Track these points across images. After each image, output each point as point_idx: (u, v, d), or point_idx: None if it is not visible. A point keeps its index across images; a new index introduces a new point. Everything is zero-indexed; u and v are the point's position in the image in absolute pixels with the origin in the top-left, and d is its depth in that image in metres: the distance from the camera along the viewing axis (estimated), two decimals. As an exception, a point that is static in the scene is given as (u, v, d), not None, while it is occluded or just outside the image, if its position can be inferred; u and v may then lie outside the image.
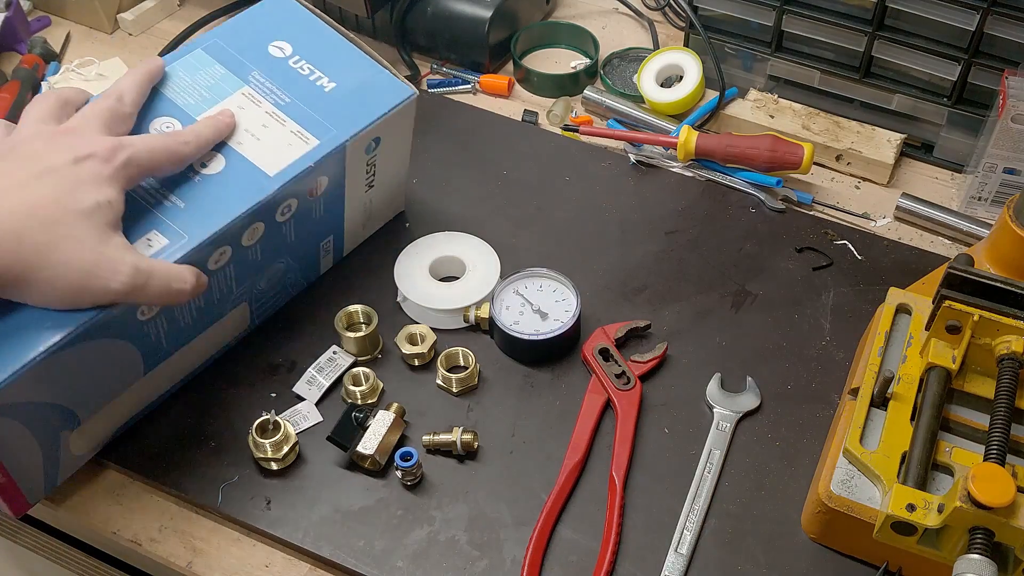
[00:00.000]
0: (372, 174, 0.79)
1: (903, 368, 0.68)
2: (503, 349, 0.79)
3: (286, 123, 0.72)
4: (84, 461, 0.71)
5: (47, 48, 1.09)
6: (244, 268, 0.72)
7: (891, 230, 0.90)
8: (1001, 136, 0.84)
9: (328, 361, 0.77)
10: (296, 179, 0.70)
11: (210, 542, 0.70)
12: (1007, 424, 0.60)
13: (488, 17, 1.01)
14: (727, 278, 0.84)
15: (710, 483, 0.70)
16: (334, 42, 0.77)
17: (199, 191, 0.67)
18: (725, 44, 0.99)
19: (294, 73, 0.75)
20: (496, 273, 0.82)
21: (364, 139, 0.74)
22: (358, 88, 0.75)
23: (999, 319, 0.64)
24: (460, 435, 0.72)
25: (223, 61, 0.74)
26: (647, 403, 0.75)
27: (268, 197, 0.68)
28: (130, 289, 0.58)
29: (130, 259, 0.58)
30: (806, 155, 0.89)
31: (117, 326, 0.63)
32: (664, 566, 0.66)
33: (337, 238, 0.81)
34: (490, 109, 1.02)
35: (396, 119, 0.76)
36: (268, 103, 0.73)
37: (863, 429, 0.66)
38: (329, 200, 0.76)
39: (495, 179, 0.93)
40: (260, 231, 0.70)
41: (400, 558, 0.67)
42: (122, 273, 0.57)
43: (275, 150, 0.70)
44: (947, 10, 0.85)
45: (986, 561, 0.54)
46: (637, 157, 0.94)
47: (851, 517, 0.63)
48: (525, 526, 0.68)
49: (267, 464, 0.71)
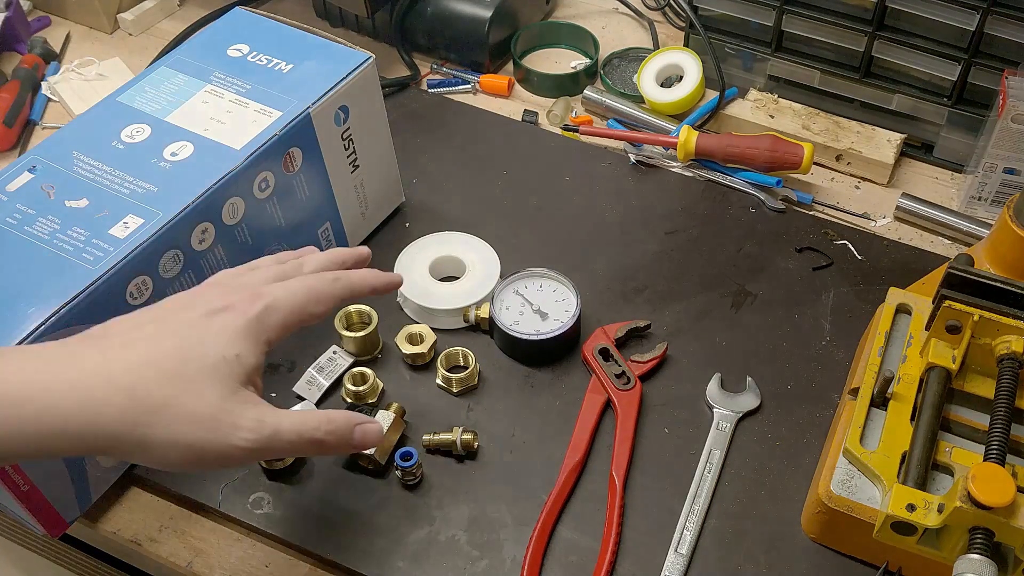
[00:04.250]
0: (352, 151, 0.80)
1: (903, 368, 0.68)
2: (503, 349, 0.79)
3: (249, 105, 0.74)
4: (117, 474, 0.71)
5: (47, 48, 1.09)
6: (235, 251, 0.72)
7: (891, 230, 0.90)
8: (1001, 136, 0.84)
9: (328, 361, 0.77)
10: (265, 150, 0.71)
11: (210, 542, 0.70)
12: (1007, 424, 0.60)
13: (488, 17, 1.01)
14: (727, 278, 0.84)
15: (710, 483, 0.70)
16: (290, 35, 0.81)
17: (170, 175, 0.69)
18: (725, 44, 0.99)
19: (253, 65, 0.78)
20: (496, 273, 0.82)
21: (328, 107, 0.75)
22: (315, 64, 0.77)
23: (999, 319, 0.64)
24: (460, 435, 0.72)
25: (185, 71, 0.78)
26: (647, 403, 0.75)
27: (238, 168, 0.70)
28: (256, 445, 0.53)
29: (252, 412, 0.53)
30: (806, 155, 0.89)
31: (104, 309, 0.63)
32: (664, 566, 0.66)
33: (336, 226, 0.82)
34: (490, 109, 1.02)
35: (358, 86, 0.78)
36: (230, 93, 0.75)
37: (863, 429, 0.66)
38: (312, 179, 0.77)
39: (495, 179, 0.93)
40: (240, 208, 0.71)
41: (400, 558, 0.67)
42: (244, 428, 0.52)
43: (241, 128, 0.73)
44: (947, 10, 0.85)
45: (986, 561, 0.54)
46: (637, 157, 0.94)
47: (851, 517, 0.63)
48: (525, 526, 0.68)
49: (267, 464, 0.71)
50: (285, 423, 0.54)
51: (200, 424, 0.51)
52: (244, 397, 0.53)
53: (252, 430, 0.52)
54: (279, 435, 0.53)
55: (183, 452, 0.52)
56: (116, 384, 0.50)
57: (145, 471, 0.72)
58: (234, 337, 0.54)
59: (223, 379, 0.53)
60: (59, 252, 0.64)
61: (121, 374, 0.51)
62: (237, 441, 0.52)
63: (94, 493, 0.70)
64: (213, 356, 0.53)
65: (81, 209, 0.67)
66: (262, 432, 0.53)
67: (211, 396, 0.52)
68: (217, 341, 0.53)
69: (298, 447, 0.54)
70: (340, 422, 0.56)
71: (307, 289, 0.57)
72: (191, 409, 0.51)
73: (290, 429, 0.54)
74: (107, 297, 0.63)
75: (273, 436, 0.53)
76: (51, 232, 0.65)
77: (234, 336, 0.54)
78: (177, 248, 0.67)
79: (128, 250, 0.64)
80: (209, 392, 0.52)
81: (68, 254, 0.64)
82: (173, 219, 0.66)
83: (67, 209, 0.67)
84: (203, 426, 0.52)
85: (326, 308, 0.59)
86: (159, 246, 0.66)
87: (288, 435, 0.54)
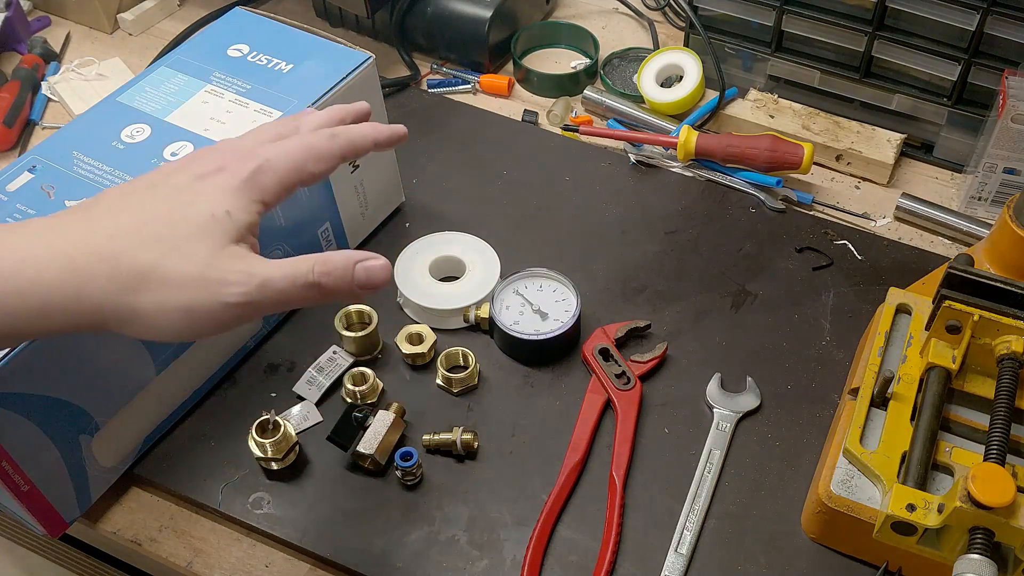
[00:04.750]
0: None
1: (903, 368, 0.68)
2: (503, 349, 0.79)
3: (249, 105, 0.75)
4: (117, 474, 0.71)
5: (47, 48, 1.09)
6: None
7: (891, 230, 0.90)
8: (1001, 136, 0.84)
9: (328, 361, 0.77)
10: None
11: (210, 542, 0.70)
12: (1007, 424, 0.60)
13: (488, 17, 1.01)
14: (727, 278, 0.84)
15: (710, 483, 0.70)
16: (290, 35, 0.81)
17: None
18: (725, 44, 0.99)
19: (253, 66, 0.78)
20: (496, 273, 0.82)
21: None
22: (315, 64, 0.78)
23: (999, 319, 0.64)
24: (460, 435, 0.72)
25: (185, 71, 0.78)
26: (647, 403, 0.75)
27: None
28: (247, 298, 0.50)
29: (241, 265, 0.50)
30: (806, 155, 0.89)
31: None
32: (664, 566, 0.66)
33: (336, 226, 0.82)
34: (490, 109, 1.02)
35: (358, 86, 0.78)
36: (230, 93, 0.76)
37: (863, 429, 0.66)
38: None
39: (495, 179, 0.93)
40: None
41: (400, 558, 0.67)
42: (232, 283, 0.49)
43: (241, 128, 0.73)
44: (947, 10, 0.85)
45: (986, 561, 0.54)
46: (637, 157, 0.94)
47: (851, 517, 0.63)
48: (525, 526, 0.68)
49: (267, 464, 0.71)
50: (276, 271, 0.50)
51: (188, 286, 0.49)
52: (233, 252, 0.50)
53: (241, 283, 0.49)
54: (270, 283, 0.50)
55: (174, 317, 0.49)
56: (100, 252, 0.49)
57: (145, 470, 0.72)
58: (225, 195, 0.52)
59: (212, 237, 0.50)
60: None
61: (105, 241, 0.49)
62: (227, 297, 0.49)
63: (94, 493, 0.70)
64: (203, 215, 0.51)
65: None
66: (251, 283, 0.50)
67: (199, 255, 0.49)
68: (207, 200, 0.51)
69: (292, 295, 0.51)
70: (337, 261, 0.52)
71: (304, 147, 0.55)
72: (179, 271, 0.49)
73: (281, 276, 0.50)
74: None
75: (264, 286, 0.50)
76: None
77: (225, 194, 0.52)
78: None
79: None
80: (197, 252, 0.50)
81: None
82: None
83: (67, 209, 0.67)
84: (191, 287, 0.49)
85: (327, 166, 0.56)
86: None
87: (279, 282, 0.50)
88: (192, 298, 0.49)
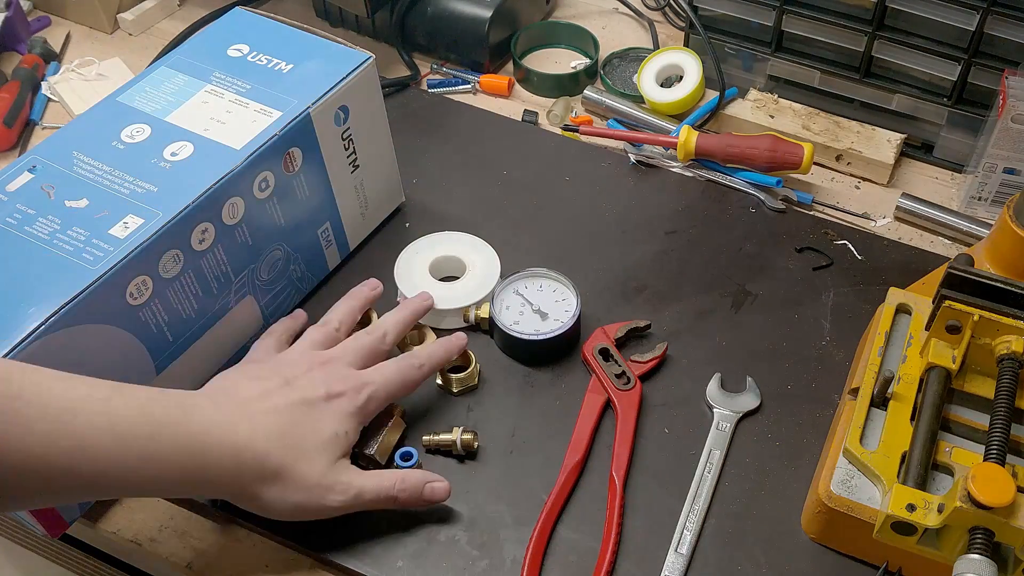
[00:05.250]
0: (352, 151, 0.80)
1: (903, 368, 0.68)
2: (503, 349, 0.79)
3: (249, 105, 0.74)
4: None
5: (47, 48, 1.09)
6: (236, 252, 0.72)
7: (891, 230, 0.90)
8: (1001, 136, 0.84)
9: (328, 361, 0.77)
10: (264, 150, 0.71)
11: (210, 542, 0.70)
12: (1007, 424, 0.60)
13: (488, 17, 1.01)
14: (727, 278, 0.84)
15: (710, 483, 0.70)
16: (290, 35, 0.81)
17: (170, 175, 0.69)
18: (725, 44, 0.99)
19: (253, 65, 0.78)
20: (496, 273, 0.82)
21: (329, 107, 0.75)
22: (315, 64, 0.77)
23: (999, 319, 0.64)
24: (460, 435, 0.72)
25: (185, 71, 0.78)
26: (647, 403, 0.75)
27: (238, 168, 0.70)
28: (344, 504, 0.64)
29: (344, 477, 0.64)
30: (806, 155, 0.89)
31: (104, 309, 0.63)
32: (664, 566, 0.66)
33: (336, 226, 0.82)
34: (490, 109, 1.02)
35: (358, 86, 0.78)
36: (231, 93, 0.75)
37: (863, 429, 0.66)
38: (312, 179, 0.77)
39: (495, 179, 0.93)
40: (240, 208, 0.71)
41: (400, 558, 0.67)
42: (336, 492, 0.64)
43: (241, 128, 0.72)
44: (947, 10, 0.85)
45: (986, 561, 0.54)
46: (637, 157, 0.94)
47: (851, 517, 0.63)
48: (525, 526, 0.68)
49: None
50: (368, 485, 0.65)
51: (305, 489, 0.63)
52: (341, 464, 0.65)
53: (342, 492, 0.64)
54: (363, 495, 0.64)
55: (286, 509, 0.63)
56: (256, 451, 0.61)
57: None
58: (344, 418, 0.66)
59: (330, 451, 0.64)
60: (59, 252, 0.64)
61: (263, 442, 0.62)
62: (330, 502, 0.64)
63: None
64: (327, 432, 0.64)
65: (81, 209, 0.67)
66: (349, 493, 0.64)
67: (319, 466, 0.63)
68: (332, 421, 0.65)
69: (377, 503, 0.65)
70: (412, 481, 0.67)
71: (401, 380, 0.69)
72: (303, 475, 0.63)
73: (372, 489, 0.65)
74: (107, 297, 0.63)
75: (358, 496, 0.64)
76: (51, 232, 0.65)
77: (344, 417, 0.66)
78: (177, 248, 0.67)
79: (128, 250, 0.64)
80: (319, 462, 0.63)
81: (68, 254, 0.64)
82: (173, 219, 0.66)
83: (67, 209, 0.67)
84: (307, 490, 0.63)
85: (412, 390, 0.71)
86: (159, 246, 0.66)
87: (369, 494, 0.65)
88: (306, 498, 0.63)
